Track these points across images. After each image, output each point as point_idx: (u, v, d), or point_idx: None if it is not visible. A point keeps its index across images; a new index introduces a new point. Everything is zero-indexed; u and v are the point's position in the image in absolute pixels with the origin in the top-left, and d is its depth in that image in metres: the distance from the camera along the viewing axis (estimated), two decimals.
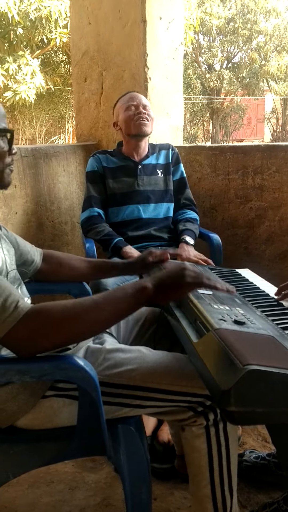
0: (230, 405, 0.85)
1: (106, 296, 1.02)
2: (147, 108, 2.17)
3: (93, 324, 0.99)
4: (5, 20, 10.33)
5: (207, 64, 21.33)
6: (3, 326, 0.91)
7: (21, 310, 0.93)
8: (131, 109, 2.15)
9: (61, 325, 0.96)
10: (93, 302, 1.00)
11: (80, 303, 1.00)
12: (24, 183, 2.43)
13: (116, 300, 1.01)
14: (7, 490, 1.54)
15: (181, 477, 1.55)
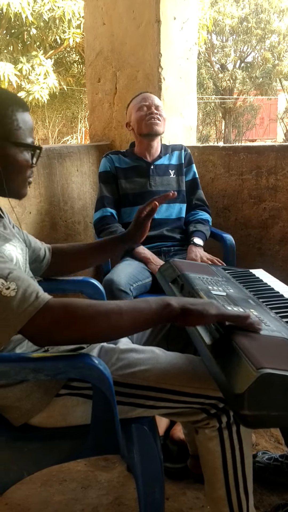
0: (243, 409, 0.84)
1: (129, 305, 1.02)
2: (159, 108, 2.17)
3: (113, 327, 0.99)
4: (19, 21, 10.42)
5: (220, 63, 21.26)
6: (24, 315, 0.92)
7: (41, 300, 0.94)
8: (143, 109, 2.15)
9: (81, 320, 0.96)
10: (117, 307, 1.00)
11: (104, 304, 1.00)
12: (38, 183, 2.45)
13: (139, 311, 1.01)
14: (20, 488, 1.55)
15: (194, 477, 1.55)
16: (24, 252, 1.24)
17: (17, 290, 0.93)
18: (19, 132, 1.10)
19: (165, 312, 1.01)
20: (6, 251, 1.11)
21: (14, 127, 1.09)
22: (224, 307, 1.05)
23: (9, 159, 1.10)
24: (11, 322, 0.92)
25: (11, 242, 1.16)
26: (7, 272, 0.95)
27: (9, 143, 1.09)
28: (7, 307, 0.92)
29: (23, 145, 1.12)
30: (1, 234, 1.13)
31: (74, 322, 0.96)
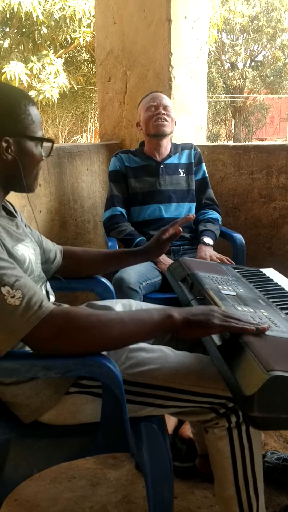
0: (253, 411, 0.84)
1: (132, 315, 1.02)
2: (167, 108, 2.17)
3: (114, 337, 0.99)
4: (29, 20, 10.45)
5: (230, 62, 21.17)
6: (27, 324, 0.93)
7: (45, 310, 0.95)
8: (151, 109, 2.16)
9: (83, 330, 0.96)
10: (119, 318, 1.00)
11: (105, 315, 1.01)
12: (49, 182, 2.46)
13: (141, 321, 1.01)
14: (29, 485, 1.56)
15: (202, 476, 1.55)
16: (37, 252, 1.24)
17: (22, 299, 0.94)
18: (32, 126, 1.11)
19: (167, 324, 1.01)
20: (19, 251, 1.11)
21: (29, 121, 1.10)
22: (227, 313, 1.03)
23: (27, 154, 1.11)
24: (14, 330, 0.93)
25: (24, 242, 1.17)
26: (13, 279, 0.95)
27: (25, 138, 1.10)
28: (10, 316, 0.93)
29: (38, 139, 1.13)
30: (13, 234, 1.14)
31: (75, 333, 0.96)
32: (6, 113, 1.07)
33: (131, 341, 1.04)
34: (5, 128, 1.07)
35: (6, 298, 0.93)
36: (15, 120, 1.08)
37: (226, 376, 0.94)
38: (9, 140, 1.07)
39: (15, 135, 1.08)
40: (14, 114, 1.08)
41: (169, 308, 1.04)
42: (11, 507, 1.47)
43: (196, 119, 2.80)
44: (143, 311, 1.04)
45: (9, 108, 1.07)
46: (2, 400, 1.13)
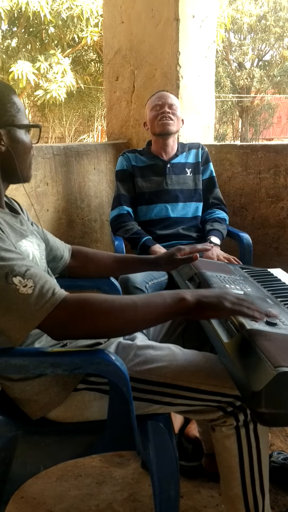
0: (260, 407, 0.85)
1: (144, 299, 1.02)
2: (173, 107, 2.17)
3: (128, 322, 1.00)
4: (37, 19, 10.48)
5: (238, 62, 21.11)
6: (42, 311, 0.94)
7: (58, 297, 0.95)
8: (156, 108, 2.17)
9: (98, 316, 0.97)
10: (132, 302, 1.00)
11: (119, 299, 1.01)
12: (56, 181, 2.47)
13: (154, 305, 1.01)
14: (35, 482, 1.57)
15: (208, 475, 1.54)
16: (41, 248, 1.25)
17: (34, 287, 0.94)
18: (19, 115, 1.12)
19: (179, 306, 1.01)
20: (22, 246, 1.12)
21: (15, 110, 1.11)
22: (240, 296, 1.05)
23: (18, 142, 1.12)
24: (29, 319, 0.94)
25: (28, 238, 1.18)
26: (24, 269, 0.96)
27: (14, 127, 1.11)
28: (25, 305, 0.93)
29: (26, 126, 1.14)
30: (17, 230, 1.15)
31: (90, 317, 0.97)
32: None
33: (144, 325, 1.06)
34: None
35: (19, 287, 0.93)
36: (2, 110, 1.08)
37: (234, 373, 0.94)
38: (0, 132, 1.08)
39: (4, 126, 1.09)
40: (1, 105, 1.08)
41: (182, 290, 1.05)
42: (18, 504, 1.48)
43: (204, 118, 2.80)
44: (156, 295, 1.04)
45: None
46: (10, 396, 1.14)
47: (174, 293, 1.03)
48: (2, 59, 10.90)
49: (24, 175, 1.16)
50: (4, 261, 0.95)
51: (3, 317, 0.95)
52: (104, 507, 1.47)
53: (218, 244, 2.12)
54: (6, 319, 0.94)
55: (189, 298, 1.01)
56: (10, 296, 0.93)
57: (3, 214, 1.12)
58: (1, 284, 0.93)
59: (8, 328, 0.95)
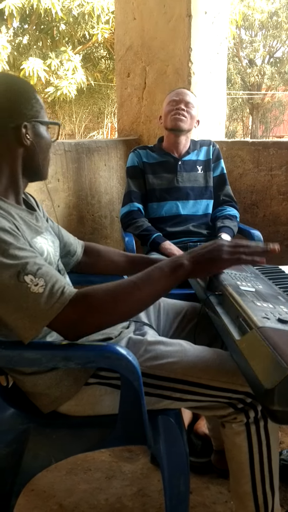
0: (273, 404, 0.84)
1: (144, 277, 1.04)
2: (189, 105, 2.16)
3: (134, 304, 1.02)
4: (48, 17, 10.51)
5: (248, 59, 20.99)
6: (52, 311, 0.95)
7: (67, 296, 0.96)
8: (172, 104, 2.16)
9: (104, 307, 0.99)
10: (133, 283, 1.02)
11: (120, 285, 1.02)
12: (67, 177, 2.48)
13: (154, 280, 1.03)
14: (46, 475, 1.58)
15: (218, 472, 1.55)
16: (56, 245, 1.26)
17: (45, 287, 0.95)
18: (42, 111, 1.14)
19: (179, 273, 1.05)
20: (38, 243, 1.13)
21: (39, 106, 1.12)
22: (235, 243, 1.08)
23: (41, 138, 1.13)
24: (38, 318, 0.95)
25: (43, 235, 1.18)
26: (36, 268, 0.96)
27: (38, 122, 1.12)
28: (35, 304, 0.94)
29: (49, 123, 1.15)
30: (33, 227, 1.15)
31: (98, 312, 0.99)
32: (21, 99, 1.09)
33: (151, 300, 1.07)
34: (22, 114, 1.09)
35: (30, 286, 0.94)
36: (28, 105, 1.10)
37: (246, 370, 0.94)
38: (27, 125, 1.09)
39: (30, 120, 1.10)
40: (27, 100, 1.10)
41: (177, 256, 1.08)
42: (29, 497, 1.49)
43: (215, 115, 2.79)
44: (154, 269, 1.05)
45: (22, 95, 1.09)
46: (22, 390, 1.15)
47: (171, 261, 1.07)
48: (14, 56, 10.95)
49: (44, 172, 1.17)
50: (16, 260, 0.96)
51: (12, 315, 0.95)
52: (114, 501, 1.48)
53: None
54: (15, 317, 0.95)
55: (185, 262, 1.05)
56: (21, 294, 0.94)
57: (19, 211, 1.13)
58: (12, 282, 0.94)
59: (18, 326, 0.96)
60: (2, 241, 0.96)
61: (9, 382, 1.21)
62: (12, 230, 1.00)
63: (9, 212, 1.06)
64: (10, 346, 1.02)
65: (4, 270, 0.94)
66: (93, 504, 1.47)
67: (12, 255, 0.96)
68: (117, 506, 1.46)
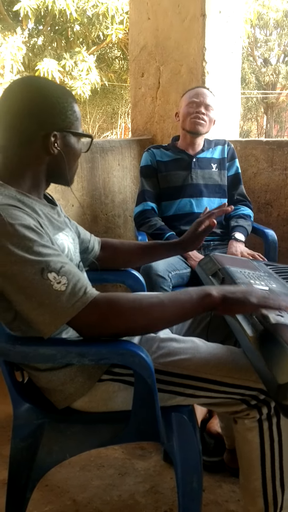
0: (286, 399, 0.86)
1: (171, 297, 1.04)
2: (209, 108, 2.16)
3: (156, 320, 1.03)
4: (63, 18, 10.56)
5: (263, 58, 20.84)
6: (73, 309, 0.96)
7: (89, 296, 0.98)
8: (192, 105, 2.15)
9: (126, 316, 1.00)
10: (159, 301, 1.03)
11: (146, 298, 1.03)
12: (81, 176, 2.50)
13: (181, 302, 1.03)
14: (59, 471, 1.60)
15: (230, 470, 1.55)
16: (76, 242, 1.27)
17: (68, 285, 0.97)
18: (77, 123, 1.14)
19: (206, 302, 1.03)
20: (59, 240, 1.14)
21: (74, 118, 1.13)
22: (264, 295, 1.06)
23: (71, 148, 1.14)
24: (59, 315, 0.96)
25: (64, 231, 1.20)
26: (59, 266, 0.98)
27: (70, 133, 1.13)
28: (57, 301, 0.96)
29: (81, 135, 1.16)
30: (55, 223, 1.16)
31: (119, 317, 1.00)
32: (55, 109, 1.09)
33: (172, 322, 1.08)
34: (54, 124, 1.10)
35: (53, 284, 0.96)
36: (62, 116, 1.10)
37: (259, 366, 0.95)
38: (57, 135, 1.10)
39: (61, 130, 1.11)
40: (62, 110, 1.10)
41: (207, 287, 1.07)
42: (43, 492, 1.51)
43: (229, 114, 2.79)
44: (182, 292, 1.06)
45: (58, 104, 1.10)
46: (38, 385, 1.17)
47: (200, 290, 1.05)
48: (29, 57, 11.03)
49: (69, 179, 1.19)
50: (40, 257, 0.97)
51: (35, 310, 0.97)
52: (126, 498, 1.49)
53: (242, 241, 2.11)
54: (37, 313, 0.97)
55: (215, 294, 1.03)
56: (44, 291, 0.96)
57: (42, 206, 1.14)
58: (36, 279, 0.96)
59: (38, 322, 0.98)
60: (27, 238, 0.98)
61: (24, 378, 1.22)
62: (36, 228, 1.01)
63: (33, 208, 1.08)
64: (26, 342, 1.04)
65: (29, 266, 0.96)
66: (106, 500, 1.48)
67: (36, 252, 0.97)
68: (130, 502, 1.47)
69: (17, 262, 0.96)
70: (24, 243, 0.97)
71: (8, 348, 1.02)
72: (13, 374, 1.16)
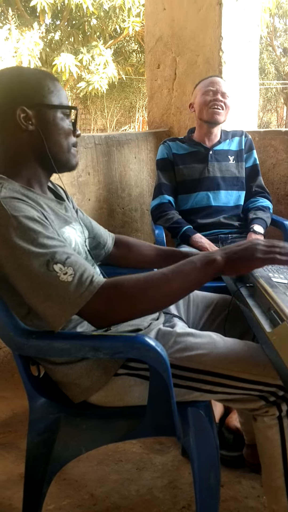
0: None
1: (175, 270, 1.03)
2: (225, 95, 2.11)
3: (163, 297, 1.02)
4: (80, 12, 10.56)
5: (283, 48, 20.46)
6: (81, 299, 0.95)
7: (96, 284, 0.97)
8: (209, 94, 2.11)
9: (134, 297, 0.99)
10: (163, 276, 1.01)
11: (151, 277, 1.02)
12: (97, 170, 2.49)
13: (185, 273, 1.02)
14: (77, 465, 1.60)
15: (250, 466, 1.53)
16: (85, 235, 1.26)
17: (74, 275, 0.96)
18: (51, 96, 1.10)
19: (211, 268, 1.03)
20: (65, 233, 1.13)
21: (46, 91, 1.10)
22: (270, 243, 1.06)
23: (48, 123, 1.10)
24: (68, 306, 0.95)
25: (71, 225, 1.19)
26: (65, 257, 0.97)
27: (44, 107, 1.09)
28: (64, 292, 0.95)
29: (58, 107, 1.11)
30: (61, 217, 1.16)
31: (127, 300, 0.99)
32: (25, 84, 1.09)
33: (180, 295, 1.07)
34: (23, 98, 1.08)
35: (59, 275, 0.95)
36: (33, 90, 1.09)
37: (277, 362, 0.92)
38: (26, 110, 1.07)
39: (32, 106, 1.08)
40: (33, 85, 1.09)
41: (211, 252, 1.07)
42: (60, 486, 1.51)
43: (247, 104, 2.73)
44: (185, 263, 1.04)
45: (28, 81, 1.09)
46: (53, 379, 1.16)
47: (203, 256, 1.05)
48: (46, 53, 11.07)
49: (59, 162, 1.14)
50: (46, 248, 0.97)
51: (43, 303, 0.96)
52: (144, 493, 1.48)
53: (261, 233, 2.07)
54: (46, 305, 0.96)
55: (218, 258, 1.03)
56: (50, 283, 0.95)
57: (47, 200, 1.14)
58: (42, 271, 0.95)
59: (48, 315, 0.97)
60: (31, 230, 0.97)
61: (40, 372, 1.22)
62: (40, 219, 1.01)
63: (37, 201, 1.07)
64: (40, 336, 1.03)
65: (34, 259, 0.95)
66: (124, 494, 1.48)
67: (41, 244, 0.96)
68: (148, 497, 1.47)
69: (23, 255, 0.95)
70: (28, 235, 0.96)
71: (23, 342, 1.01)
72: (29, 368, 1.16)
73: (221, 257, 1.03)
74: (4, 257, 0.97)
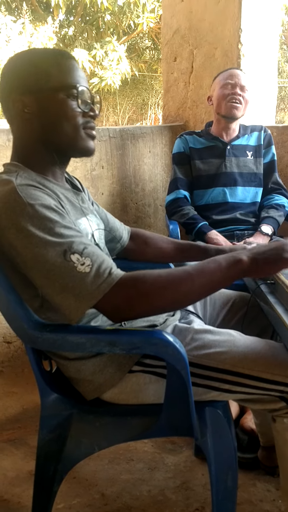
0: None
1: (199, 268, 0.98)
2: (244, 89, 2.06)
3: (185, 294, 0.97)
4: (94, 7, 10.52)
5: None
6: (98, 291, 0.91)
7: (114, 277, 0.93)
8: (227, 87, 2.05)
9: (153, 294, 0.94)
10: (187, 273, 0.97)
11: (173, 273, 0.97)
12: (111, 164, 2.45)
13: (210, 272, 0.97)
14: (88, 464, 1.57)
15: (265, 469, 1.48)
16: (101, 228, 1.23)
17: (92, 266, 0.92)
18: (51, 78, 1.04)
19: (236, 269, 0.98)
20: (82, 225, 1.10)
21: (43, 75, 1.03)
22: None
23: (44, 110, 1.04)
24: (85, 298, 0.91)
25: (88, 216, 1.15)
26: (82, 247, 0.93)
27: (37, 92, 1.03)
28: (81, 283, 0.91)
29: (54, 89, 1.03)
30: (78, 208, 1.13)
31: (145, 296, 0.94)
32: (17, 73, 1.05)
33: (202, 294, 1.02)
34: (15, 86, 1.04)
35: (76, 265, 0.91)
36: (26, 76, 1.04)
37: None
38: (22, 98, 1.03)
39: (24, 92, 1.03)
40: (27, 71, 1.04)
41: (237, 252, 1.02)
42: (71, 484, 1.48)
43: (265, 98, 2.67)
44: (210, 261, 1.00)
45: (20, 67, 1.05)
46: (66, 375, 1.13)
47: (229, 256, 1.00)
48: (59, 48, 11.04)
49: (64, 144, 1.07)
50: (62, 238, 0.93)
51: (59, 294, 0.92)
52: (156, 494, 1.44)
53: (268, 234, 2.01)
54: (62, 296, 0.92)
55: (244, 258, 0.98)
56: (67, 273, 0.91)
57: (65, 190, 1.10)
58: (59, 261, 0.91)
59: (64, 306, 0.93)
60: (48, 219, 0.93)
61: (52, 367, 1.19)
62: (57, 208, 0.97)
63: (54, 191, 1.04)
64: (54, 329, 0.99)
65: (50, 248, 0.91)
66: (136, 495, 1.44)
67: (58, 233, 0.93)
68: (160, 498, 1.43)
69: (39, 245, 0.91)
70: (45, 224, 0.92)
71: (36, 335, 0.97)
72: (41, 363, 1.12)
73: (247, 258, 0.98)
74: (19, 246, 0.93)
